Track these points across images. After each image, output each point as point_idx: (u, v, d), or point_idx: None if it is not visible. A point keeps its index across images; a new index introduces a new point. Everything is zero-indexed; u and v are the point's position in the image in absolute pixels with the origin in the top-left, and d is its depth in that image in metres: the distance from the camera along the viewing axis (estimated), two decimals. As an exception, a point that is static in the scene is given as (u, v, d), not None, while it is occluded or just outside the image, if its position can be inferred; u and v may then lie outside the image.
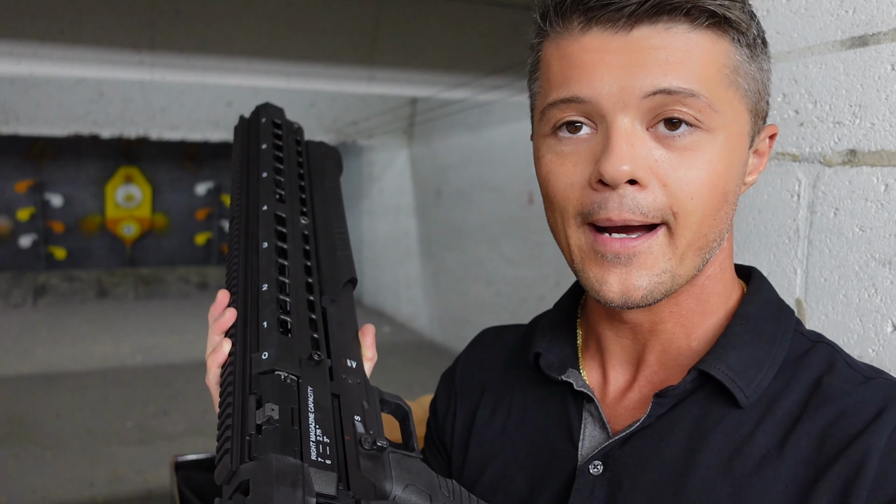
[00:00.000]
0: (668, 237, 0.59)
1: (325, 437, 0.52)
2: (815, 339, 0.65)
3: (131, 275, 11.30)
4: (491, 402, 0.78)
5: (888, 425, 0.55)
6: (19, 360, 7.05)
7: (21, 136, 7.74)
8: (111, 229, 11.46)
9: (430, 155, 8.07)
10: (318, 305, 0.65)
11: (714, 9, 0.57)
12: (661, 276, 0.59)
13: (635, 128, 0.57)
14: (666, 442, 0.62)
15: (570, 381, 0.69)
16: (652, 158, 0.57)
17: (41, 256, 11.06)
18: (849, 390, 0.59)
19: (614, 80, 0.57)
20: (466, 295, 7.25)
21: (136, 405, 5.60)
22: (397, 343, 7.87)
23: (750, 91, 0.61)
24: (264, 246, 0.67)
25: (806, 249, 0.96)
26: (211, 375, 0.64)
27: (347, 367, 0.62)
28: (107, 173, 11.29)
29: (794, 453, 0.58)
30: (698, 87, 0.57)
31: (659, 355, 0.67)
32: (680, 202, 0.58)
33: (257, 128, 0.78)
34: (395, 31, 4.75)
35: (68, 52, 4.16)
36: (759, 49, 0.62)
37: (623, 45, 0.57)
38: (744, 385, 0.61)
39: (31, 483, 4.15)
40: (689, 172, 0.57)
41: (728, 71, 0.59)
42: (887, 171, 0.86)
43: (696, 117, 0.57)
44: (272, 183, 0.72)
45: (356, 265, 0.72)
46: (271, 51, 4.56)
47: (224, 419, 0.55)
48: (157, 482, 4.18)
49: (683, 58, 0.56)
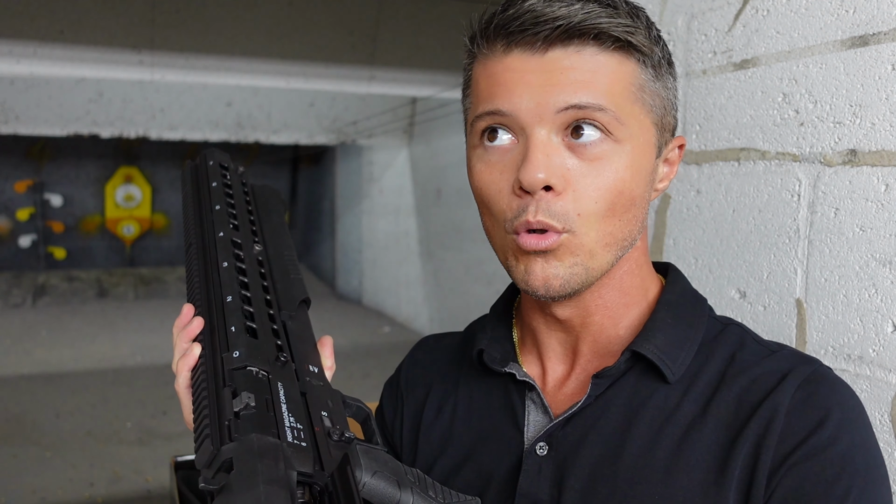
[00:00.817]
0: (572, 237, 0.66)
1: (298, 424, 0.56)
2: (726, 322, 0.75)
3: (131, 275, 11.31)
4: (436, 401, 0.83)
5: (791, 386, 0.65)
6: (19, 360, 7.05)
7: (21, 135, 7.75)
8: (111, 229, 11.46)
9: (430, 155, 8.08)
10: (278, 319, 0.69)
11: (618, 34, 0.64)
12: (574, 268, 0.66)
13: (551, 139, 0.65)
14: (604, 419, 0.70)
15: (513, 372, 0.75)
16: (565, 167, 0.64)
17: (41, 256, 11.07)
18: (758, 361, 0.69)
19: (531, 97, 0.64)
20: (466, 295, 7.25)
21: (135, 405, 5.60)
22: (397, 343, 7.88)
23: (655, 106, 0.68)
24: (224, 265, 0.71)
25: (806, 249, 0.97)
26: (181, 379, 0.66)
27: (311, 372, 0.65)
28: (106, 173, 11.30)
29: (715, 418, 0.66)
30: (605, 102, 0.64)
31: (591, 345, 0.75)
32: (584, 205, 0.65)
33: (206, 170, 0.83)
34: (395, 31, 4.76)
35: (68, 52, 4.16)
36: (664, 69, 0.69)
37: (539, 65, 0.64)
38: (670, 362, 0.69)
39: (31, 483, 4.15)
40: (595, 180, 0.65)
41: (634, 88, 0.66)
42: (887, 171, 0.86)
43: (605, 126, 0.64)
44: (225, 214, 0.77)
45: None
46: (271, 51, 4.56)
47: (200, 410, 0.57)
48: (156, 482, 4.19)
49: (592, 77, 0.64)
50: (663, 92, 0.69)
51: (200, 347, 0.65)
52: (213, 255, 0.72)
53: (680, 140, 0.74)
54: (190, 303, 0.70)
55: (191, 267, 0.74)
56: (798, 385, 0.65)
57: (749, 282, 1.05)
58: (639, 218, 0.69)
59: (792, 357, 0.69)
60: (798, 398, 0.64)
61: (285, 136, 8.49)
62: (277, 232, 0.80)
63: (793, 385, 0.65)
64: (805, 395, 0.64)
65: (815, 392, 0.65)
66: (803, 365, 0.67)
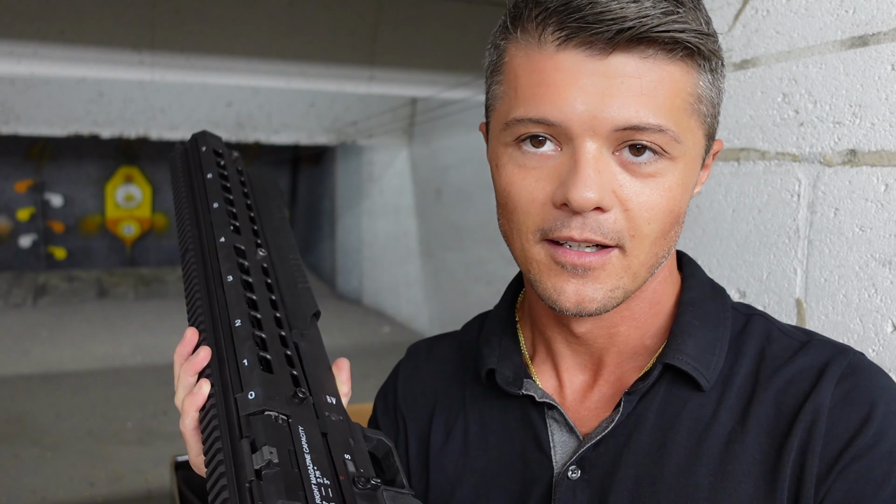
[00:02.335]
0: (622, 257, 0.60)
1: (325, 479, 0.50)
2: (748, 313, 0.70)
3: (131, 275, 11.30)
4: (442, 424, 0.76)
5: (829, 383, 0.61)
6: (19, 360, 7.05)
7: (21, 136, 7.74)
8: (111, 229, 11.46)
9: (430, 155, 8.07)
10: (290, 341, 0.63)
11: (694, 44, 0.57)
12: (615, 292, 0.61)
13: (602, 153, 0.58)
14: (636, 436, 0.65)
15: (532, 395, 0.69)
16: (616, 183, 0.59)
17: (41, 256, 11.06)
18: (791, 358, 0.64)
19: (586, 106, 0.57)
20: (466, 295, 7.25)
21: (136, 405, 5.59)
22: (397, 343, 7.87)
23: (708, 115, 0.62)
24: (229, 279, 0.63)
25: (806, 249, 0.96)
26: (188, 420, 0.59)
27: (329, 404, 0.59)
28: (107, 173, 11.29)
29: (756, 426, 0.62)
30: (666, 122, 0.58)
31: (615, 357, 0.69)
32: (637, 226, 0.60)
33: (198, 157, 0.75)
34: (395, 31, 4.75)
35: (68, 52, 4.16)
36: (719, 72, 0.63)
37: (598, 69, 0.56)
38: (704, 370, 0.64)
39: (31, 483, 4.15)
40: (650, 198, 0.59)
41: (692, 100, 0.60)
42: (887, 171, 0.86)
43: (662, 147, 0.58)
44: (225, 214, 0.69)
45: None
46: (271, 51, 4.56)
47: (215, 466, 0.51)
48: (156, 482, 4.18)
49: (655, 90, 0.57)
50: (716, 97, 0.63)
51: (209, 385, 0.58)
52: (216, 266, 0.65)
53: (719, 144, 0.68)
54: (193, 326, 0.63)
55: (190, 279, 0.66)
56: (837, 382, 0.61)
57: (749, 282, 1.05)
58: (679, 233, 0.64)
59: (823, 348, 0.64)
60: (838, 395, 0.61)
61: (285, 136, 8.49)
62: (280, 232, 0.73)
63: (831, 382, 0.61)
64: (845, 392, 0.61)
65: (855, 386, 0.61)
66: (838, 357, 0.63)
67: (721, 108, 0.66)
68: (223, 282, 0.63)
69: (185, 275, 0.68)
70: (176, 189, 0.74)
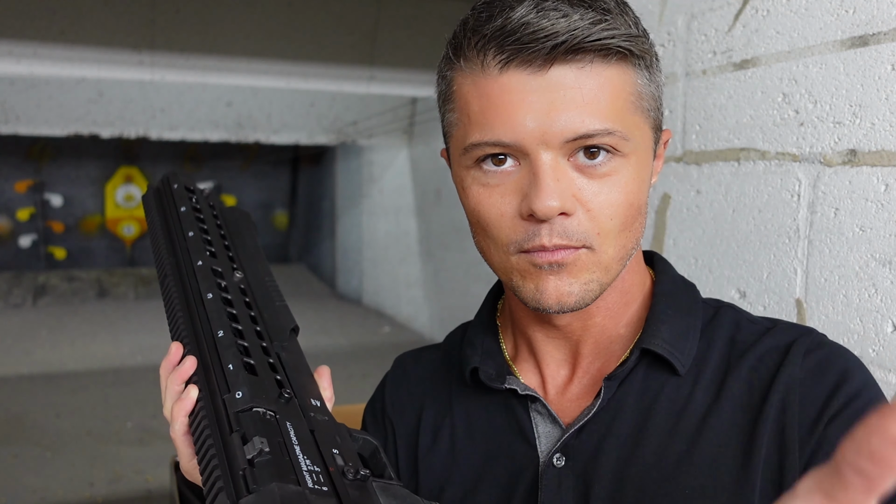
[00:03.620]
0: (591, 254, 0.64)
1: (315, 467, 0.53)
2: (716, 305, 0.75)
3: (131, 275, 11.31)
4: (430, 424, 0.79)
5: (797, 356, 0.65)
6: (19, 360, 7.05)
7: (21, 136, 7.74)
8: (111, 229, 11.46)
9: (430, 155, 8.07)
10: (272, 351, 0.66)
11: (624, 47, 0.61)
12: (590, 285, 0.65)
13: (558, 162, 0.62)
14: (617, 421, 0.68)
15: (514, 388, 0.72)
16: (576, 187, 0.62)
17: (41, 256, 11.07)
18: (758, 339, 0.69)
19: (535, 123, 0.60)
20: (466, 295, 7.25)
21: (136, 405, 5.59)
22: (397, 343, 7.87)
23: (651, 109, 0.66)
24: (209, 297, 0.67)
25: (806, 249, 0.96)
26: (178, 426, 0.61)
27: (314, 406, 0.62)
28: (107, 173, 11.30)
29: (730, 401, 0.66)
30: (612, 124, 0.61)
31: (592, 347, 0.73)
32: (601, 224, 0.63)
33: (171, 194, 0.80)
34: (395, 31, 4.76)
35: (68, 52, 4.16)
36: (655, 66, 0.67)
37: (540, 85, 0.60)
38: (679, 354, 0.68)
39: (31, 483, 4.15)
40: (608, 197, 0.63)
41: (634, 98, 0.63)
42: (887, 171, 0.86)
43: (613, 147, 0.62)
44: (200, 240, 0.73)
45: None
46: (271, 51, 4.56)
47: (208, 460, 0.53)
48: (156, 482, 4.18)
49: (597, 96, 0.61)
50: (656, 91, 0.67)
51: (197, 390, 0.60)
52: (195, 286, 0.69)
53: (667, 134, 0.72)
54: (177, 341, 0.66)
55: (171, 301, 0.69)
56: (804, 355, 0.65)
57: (749, 282, 1.05)
58: (642, 225, 0.68)
59: (789, 329, 0.69)
60: (808, 366, 0.64)
61: (285, 136, 8.49)
62: (253, 257, 0.77)
63: (798, 356, 0.65)
64: (815, 362, 0.64)
65: (824, 356, 0.65)
66: (803, 335, 0.67)
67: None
68: (203, 299, 0.67)
69: (165, 298, 0.72)
70: (151, 224, 0.79)
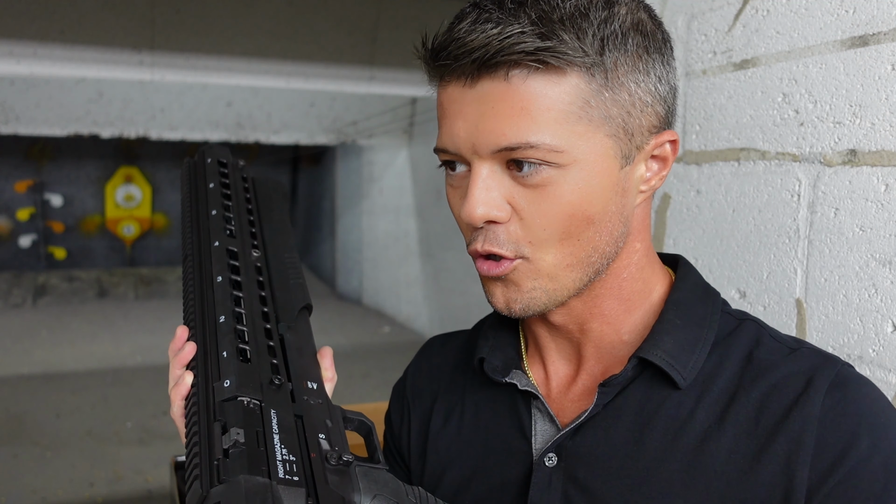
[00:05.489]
0: (527, 264, 0.64)
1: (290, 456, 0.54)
2: (741, 317, 0.70)
3: (131, 275, 11.30)
4: (443, 409, 0.81)
5: (818, 393, 0.61)
6: (19, 360, 7.05)
7: (21, 136, 7.74)
8: (111, 229, 11.46)
9: (429, 155, 8.06)
10: (276, 332, 0.68)
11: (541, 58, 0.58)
12: (532, 293, 0.65)
13: (494, 170, 0.62)
14: (613, 429, 0.67)
15: (514, 383, 0.73)
16: (510, 195, 0.63)
17: (41, 256, 11.06)
18: (777, 362, 0.64)
19: (466, 133, 0.62)
20: (466, 295, 7.25)
21: (135, 405, 5.59)
22: (397, 343, 7.87)
23: (610, 117, 0.62)
24: (218, 280, 0.69)
25: (806, 249, 0.96)
26: (175, 408, 0.65)
27: (309, 389, 0.64)
28: (107, 173, 11.30)
29: (733, 426, 0.63)
30: (536, 137, 0.60)
31: (594, 351, 0.72)
32: (534, 233, 0.63)
33: (203, 168, 0.82)
34: (395, 31, 4.75)
35: (68, 52, 4.16)
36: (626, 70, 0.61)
37: (473, 97, 0.61)
38: (680, 367, 0.65)
39: (31, 483, 4.15)
40: (541, 206, 0.62)
41: (576, 108, 0.60)
42: (887, 171, 0.86)
43: (540, 159, 0.61)
44: (221, 219, 0.75)
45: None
46: (271, 51, 4.56)
47: (191, 447, 0.56)
48: (156, 482, 4.18)
49: (524, 107, 0.59)
50: (624, 97, 0.62)
51: (192, 376, 0.63)
52: (209, 269, 0.71)
53: (669, 135, 0.67)
54: (185, 324, 0.69)
55: (186, 283, 0.72)
56: (826, 392, 0.61)
57: (749, 282, 1.05)
58: (604, 233, 0.64)
59: (813, 355, 0.65)
60: (827, 406, 0.60)
61: (285, 136, 8.49)
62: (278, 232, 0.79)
63: (820, 391, 0.61)
64: (833, 403, 0.60)
65: (844, 398, 0.61)
66: (826, 366, 0.63)
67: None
68: (213, 282, 0.69)
69: (183, 279, 0.74)
70: (182, 203, 0.81)
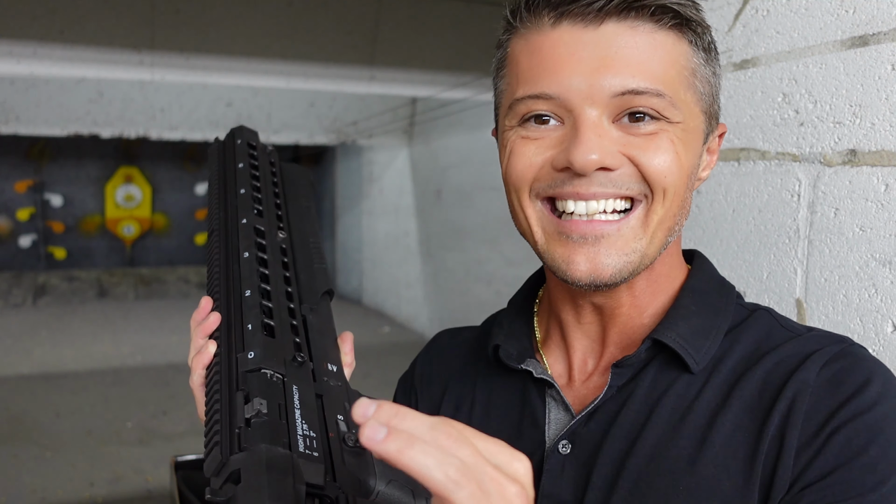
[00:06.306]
0: (644, 215, 0.62)
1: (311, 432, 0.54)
2: (753, 308, 0.70)
3: (131, 275, 11.30)
4: (453, 399, 0.80)
5: (815, 364, 0.61)
6: (19, 360, 7.05)
7: (21, 136, 7.74)
8: (111, 229, 11.45)
9: (430, 155, 8.07)
10: (299, 313, 0.68)
11: (677, 8, 0.60)
12: (631, 256, 0.63)
13: (602, 121, 0.61)
14: (624, 411, 0.66)
15: (530, 370, 0.72)
16: (621, 143, 0.61)
17: (41, 256, 11.06)
18: (783, 344, 0.65)
19: (583, 78, 0.59)
20: (466, 295, 7.25)
21: (136, 405, 5.59)
22: (397, 343, 7.87)
23: (705, 94, 0.65)
24: (245, 256, 0.69)
25: (806, 249, 0.97)
26: (195, 377, 0.64)
27: (329, 371, 0.63)
28: (107, 173, 11.29)
29: (738, 402, 0.63)
30: (663, 87, 0.60)
31: (617, 336, 0.71)
32: (655, 180, 0.61)
33: (233, 149, 0.81)
34: (395, 31, 4.75)
35: (68, 52, 4.16)
36: (713, 55, 0.65)
37: (592, 39, 0.59)
38: (694, 352, 0.65)
39: (31, 483, 4.15)
40: (657, 153, 0.61)
41: (687, 73, 0.62)
42: (887, 171, 0.86)
43: (659, 112, 0.61)
44: (250, 198, 0.75)
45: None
46: (271, 51, 4.56)
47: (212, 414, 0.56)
48: (157, 482, 4.18)
49: (649, 57, 0.60)
50: (712, 78, 0.65)
51: (216, 345, 0.63)
52: (235, 244, 0.71)
53: (722, 128, 0.70)
54: (209, 295, 0.68)
55: (212, 256, 0.72)
56: (824, 363, 0.61)
57: (749, 282, 1.05)
58: (689, 202, 0.66)
59: (821, 338, 0.65)
60: (825, 376, 0.60)
61: (285, 136, 8.49)
62: (304, 217, 0.79)
63: (817, 363, 0.61)
64: (832, 373, 0.60)
65: (844, 368, 0.60)
66: (831, 344, 0.63)
67: (721, 106, 0.67)
68: (239, 258, 0.69)
69: (207, 252, 0.74)
70: (210, 181, 0.81)
